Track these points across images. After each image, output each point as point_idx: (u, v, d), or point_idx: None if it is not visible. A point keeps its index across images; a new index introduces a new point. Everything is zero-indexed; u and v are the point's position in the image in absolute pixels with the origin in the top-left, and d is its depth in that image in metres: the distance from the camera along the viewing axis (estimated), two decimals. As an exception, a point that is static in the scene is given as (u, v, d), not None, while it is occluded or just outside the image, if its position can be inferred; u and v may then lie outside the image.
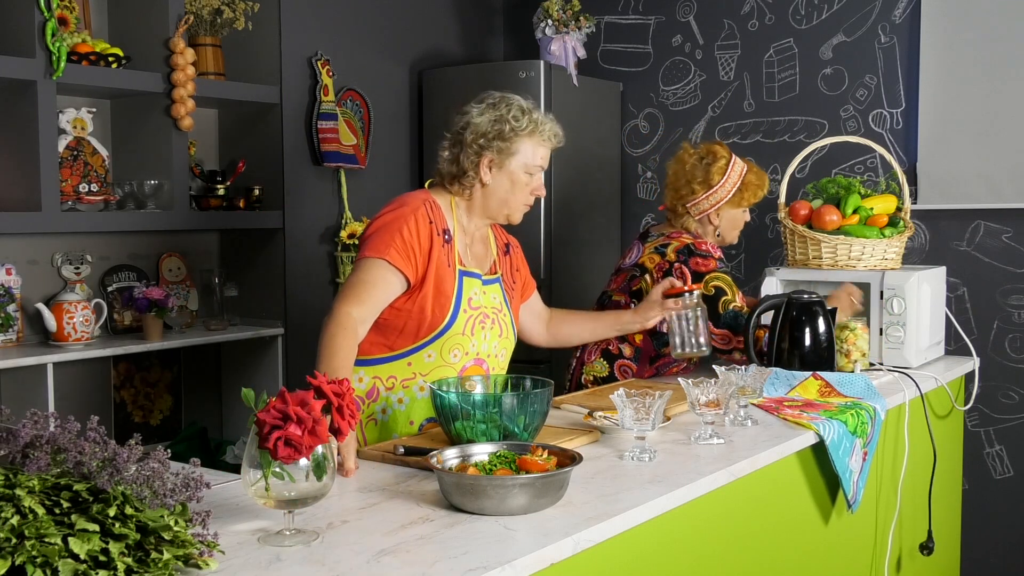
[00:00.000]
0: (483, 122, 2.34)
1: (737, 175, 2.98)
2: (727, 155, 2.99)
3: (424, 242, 2.27)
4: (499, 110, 2.34)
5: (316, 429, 1.44)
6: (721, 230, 3.03)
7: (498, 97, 2.38)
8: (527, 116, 2.35)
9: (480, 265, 2.40)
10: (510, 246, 2.56)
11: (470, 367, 2.33)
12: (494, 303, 2.39)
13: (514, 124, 2.32)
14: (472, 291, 2.33)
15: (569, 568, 1.52)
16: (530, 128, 2.34)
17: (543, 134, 2.37)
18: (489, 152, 2.33)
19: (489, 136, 2.32)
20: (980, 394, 3.45)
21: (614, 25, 4.49)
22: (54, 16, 3.10)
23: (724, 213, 3.00)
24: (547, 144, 2.39)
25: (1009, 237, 3.67)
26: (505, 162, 2.33)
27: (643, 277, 2.93)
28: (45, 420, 1.41)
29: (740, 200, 3.00)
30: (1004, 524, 3.74)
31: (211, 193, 3.71)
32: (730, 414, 2.25)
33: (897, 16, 3.84)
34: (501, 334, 2.40)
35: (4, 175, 3.20)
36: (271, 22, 3.80)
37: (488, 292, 2.38)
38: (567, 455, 1.72)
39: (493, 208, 2.38)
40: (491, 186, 2.35)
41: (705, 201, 2.97)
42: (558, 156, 4.13)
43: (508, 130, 2.32)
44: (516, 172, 2.35)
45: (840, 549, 2.49)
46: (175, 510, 1.35)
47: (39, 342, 3.29)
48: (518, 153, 2.34)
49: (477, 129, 2.33)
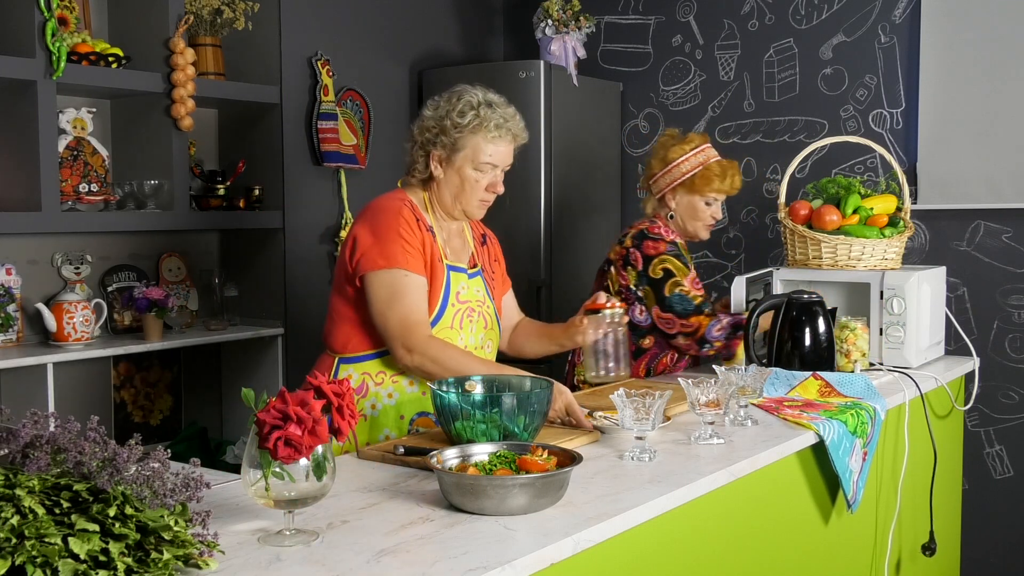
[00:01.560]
0: (431, 116, 2.32)
1: (698, 162, 2.98)
2: (699, 142, 3.01)
3: (418, 239, 2.27)
4: (449, 104, 2.32)
5: (316, 429, 1.44)
6: (678, 215, 3.02)
7: (456, 91, 2.35)
8: (473, 112, 2.29)
9: (459, 259, 2.40)
10: (487, 237, 2.55)
11: None
12: (478, 296, 2.39)
13: (457, 120, 2.29)
14: (459, 285, 2.34)
15: (569, 568, 1.52)
16: (474, 124, 2.29)
17: (489, 131, 2.29)
18: (436, 148, 2.32)
19: (434, 131, 2.31)
20: (980, 394, 3.45)
21: (614, 25, 4.49)
22: (54, 16, 3.10)
23: (680, 197, 3.00)
24: (498, 141, 2.32)
25: (1009, 237, 3.67)
26: (452, 157, 2.31)
27: (608, 271, 2.95)
28: (45, 420, 1.41)
29: (692, 185, 2.98)
30: (1004, 524, 3.74)
31: (211, 193, 3.71)
32: (730, 414, 2.25)
33: (897, 16, 3.84)
34: (487, 326, 2.40)
35: (4, 175, 3.20)
36: (271, 22, 3.80)
37: (471, 286, 2.38)
38: (567, 455, 1.71)
39: (448, 203, 2.36)
40: (442, 182, 2.34)
41: (663, 179, 2.99)
42: (558, 156, 4.14)
43: (450, 126, 2.29)
44: (464, 169, 2.31)
45: (840, 549, 2.49)
46: (175, 510, 1.35)
47: (39, 342, 3.29)
48: (464, 149, 2.30)
49: (425, 124, 2.33)
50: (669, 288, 2.83)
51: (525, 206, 4.11)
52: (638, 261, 2.87)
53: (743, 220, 4.19)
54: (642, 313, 2.91)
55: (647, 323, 2.92)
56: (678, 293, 2.83)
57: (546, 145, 4.06)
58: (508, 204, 4.15)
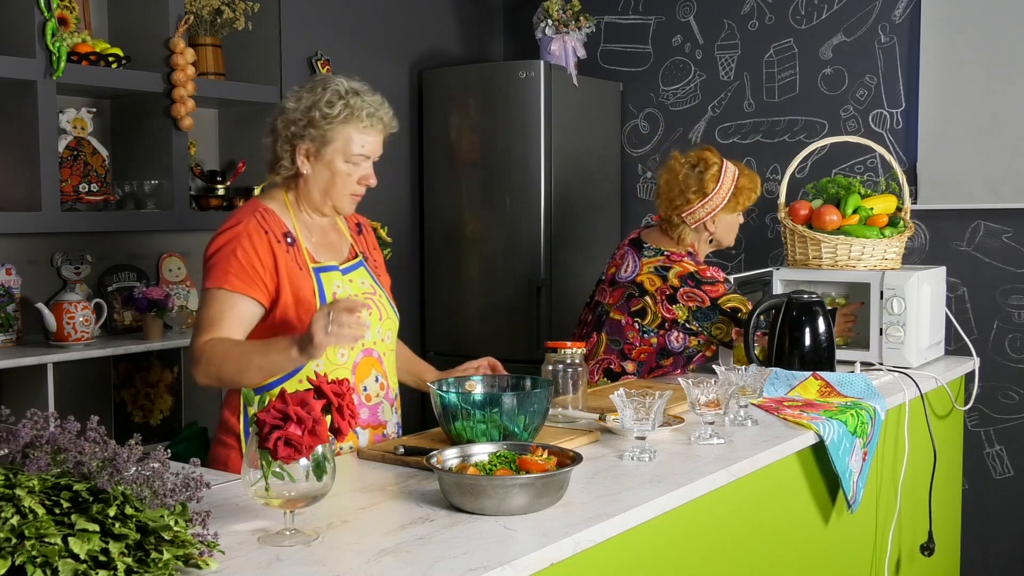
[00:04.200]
0: (295, 108, 2.16)
1: (731, 180, 2.96)
2: (718, 161, 2.97)
3: (265, 256, 2.12)
4: (314, 95, 2.15)
5: (316, 429, 1.44)
6: (717, 236, 3.03)
7: (318, 80, 2.20)
8: (342, 101, 2.15)
9: (336, 255, 2.25)
10: (361, 225, 2.41)
11: (360, 360, 2.19)
12: (363, 288, 2.24)
13: (326, 111, 2.13)
14: (334, 284, 2.18)
15: (569, 568, 1.52)
16: (344, 114, 2.14)
17: (361, 120, 2.16)
18: (304, 141, 2.16)
19: (301, 124, 2.15)
20: (980, 394, 3.45)
21: (614, 25, 4.49)
22: (54, 16, 3.10)
23: (720, 219, 2.99)
24: (370, 131, 2.18)
25: (1009, 237, 3.67)
26: (321, 151, 2.16)
27: (643, 298, 2.92)
28: (45, 420, 1.41)
29: (735, 205, 2.99)
30: (1004, 524, 3.74)
31: (211, 193, 3.71)
32: (730, 414, 2.25)
33: (897, 16, 3.84)
34: (381, 317, 2.24)
35: (4, 175, 3.20)
36: (271, 22, 3.80)
37: (354, 279, 2.23)
38: (567, 455, 1.71)
39: (317, 199, 2.21)
40: (310, 176, 2.18)
41: (701, 210, 2.95)
42: (558, 156, 4.14)
43: (319, 117, 2.14)
44: (335, 162, 2.16)
45: (840, 549, 2.49)
46: (175, 510, 1.35)
47: (39, 342, 3.29)
48: (335, 141, 2.15)
49: (289, 116, 2.16)
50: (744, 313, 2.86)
51: (525, 206, 4.11)
52: (704, 302, 2.87)
53: (743, 220, 4.19)
54: (679, 340, 2.93)
55: (680, 349, 2.94)
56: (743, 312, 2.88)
57: (546, 145, 4.06)
58: (508, 204, 4.16)
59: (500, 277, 4.20)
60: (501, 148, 4.15)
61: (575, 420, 2.21)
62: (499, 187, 4.17)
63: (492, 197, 4.21)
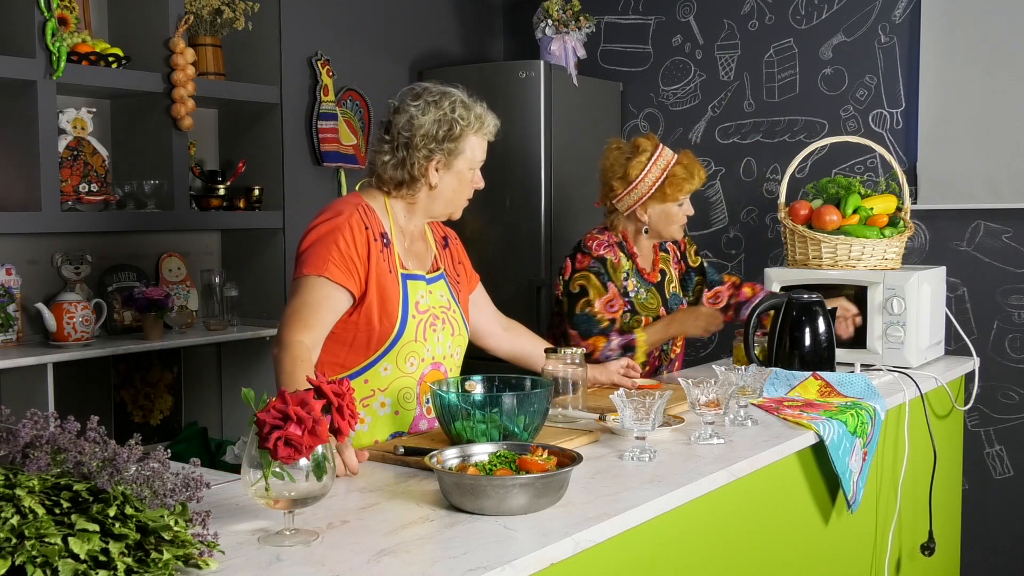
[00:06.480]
0: (428, 122, 2.18)
1: (660, 170, 2.85)
2: (651, 149, 2.87)
3: (362, 250, 2.14)
4: (442, 108, 2.19)
5: (316, 429, 1.44)
6: (652, 225, 2.92)
7: (436, 93, 2.22)
8: (471, 112, 2.21)
9: (421, 264, 2.29)
10: (448, 239, 2.44)
11: (428, 373, 2.23)
12: (441, 302, 2.27)
13: (462, 123, 2.19)
14: (418, 294, 2.21)
15: (569, 568, 1.52)
16: (476, 125, 2.22)
17: (487, 130, 2.25)
18: (438, 154, 2.19)
19: (438, 138, 2.18)
20: (980, 394, 3.45)
21: (614, 25, 4.49)
22: (54, 16, 3.10)
23: (652, 209, 2.89)
24: (487, 139, 2.27)
25: (1009, 237, 3.67)
26: (453, 163, 2.21)
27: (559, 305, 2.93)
28: (45, 420, 1.41)
29: (663, 195, 2.87)
30: (1004, 524, 3.74)
31: (211, 193, 3.71)
32: (730, 414, 2.25)
33: (897, 16, 3.84)
34: (454, 333, 2.29)
35: (4, 175, 3.20)
36: (271, 22, 3.80)
37: (434, 291, 2.26)
38: (567, 455, 1.71)
39: (439, 209, 2.27)
40: (439, 188, 2.23)
41: (628, 197, 2.88)
42: (558, 156, 4.14)
43: (458, 130, 2.19)
44: (463, 171, 2.23)
45: (840, 549, 2.49)
46: (175, 510, 1.35)
47: (39, 342, 3.29)
48: (465, 152, 2.21)
49: (424, 131, 2.18)
50: (580, 306, 2.82)
51: (525, 206, 4.11)
52: (566, 270, 2.87)
53: (743, 220, 4.19)
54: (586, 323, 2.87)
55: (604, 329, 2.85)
56: (585, 313, 2.81)
57: (546, 145, 4.06)
58: (508, 204, 4.16)
59: (500, 277, 4.20)
60: (501, 148, 4.13)
61: (575, 420, 2.21)
62: (499, 187, 4.17)
63: (492, 197, 4.19)
